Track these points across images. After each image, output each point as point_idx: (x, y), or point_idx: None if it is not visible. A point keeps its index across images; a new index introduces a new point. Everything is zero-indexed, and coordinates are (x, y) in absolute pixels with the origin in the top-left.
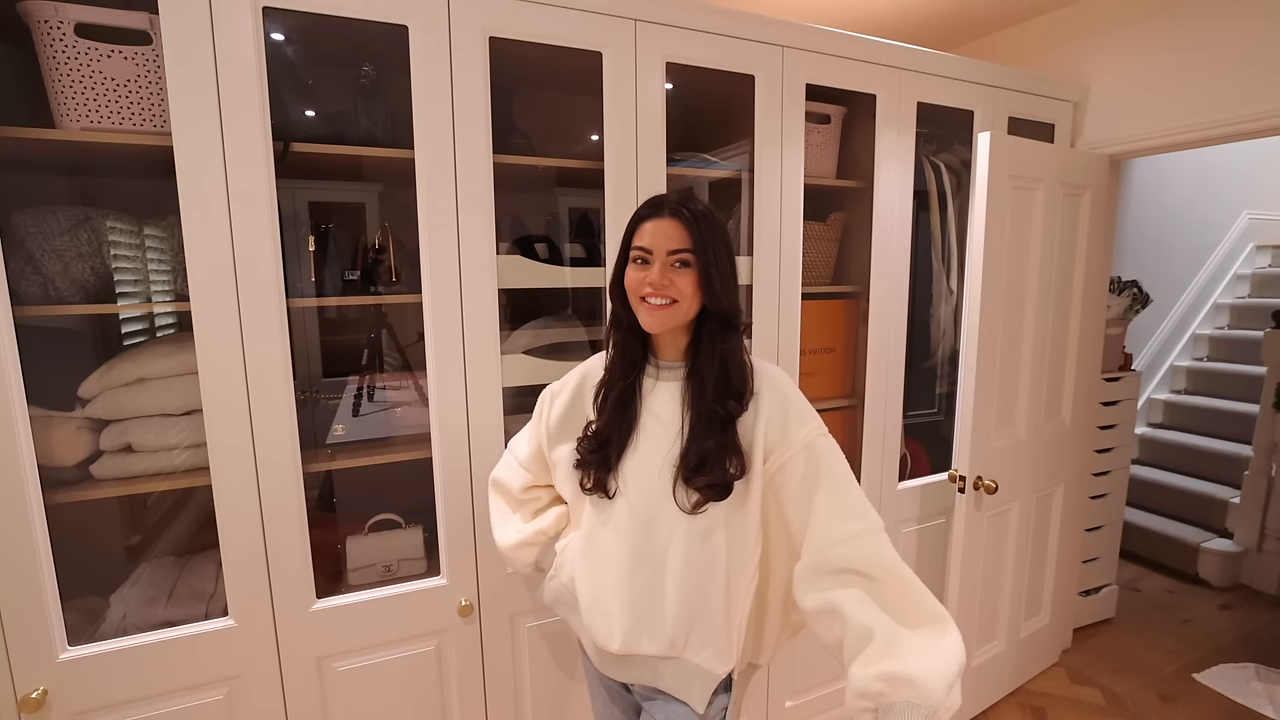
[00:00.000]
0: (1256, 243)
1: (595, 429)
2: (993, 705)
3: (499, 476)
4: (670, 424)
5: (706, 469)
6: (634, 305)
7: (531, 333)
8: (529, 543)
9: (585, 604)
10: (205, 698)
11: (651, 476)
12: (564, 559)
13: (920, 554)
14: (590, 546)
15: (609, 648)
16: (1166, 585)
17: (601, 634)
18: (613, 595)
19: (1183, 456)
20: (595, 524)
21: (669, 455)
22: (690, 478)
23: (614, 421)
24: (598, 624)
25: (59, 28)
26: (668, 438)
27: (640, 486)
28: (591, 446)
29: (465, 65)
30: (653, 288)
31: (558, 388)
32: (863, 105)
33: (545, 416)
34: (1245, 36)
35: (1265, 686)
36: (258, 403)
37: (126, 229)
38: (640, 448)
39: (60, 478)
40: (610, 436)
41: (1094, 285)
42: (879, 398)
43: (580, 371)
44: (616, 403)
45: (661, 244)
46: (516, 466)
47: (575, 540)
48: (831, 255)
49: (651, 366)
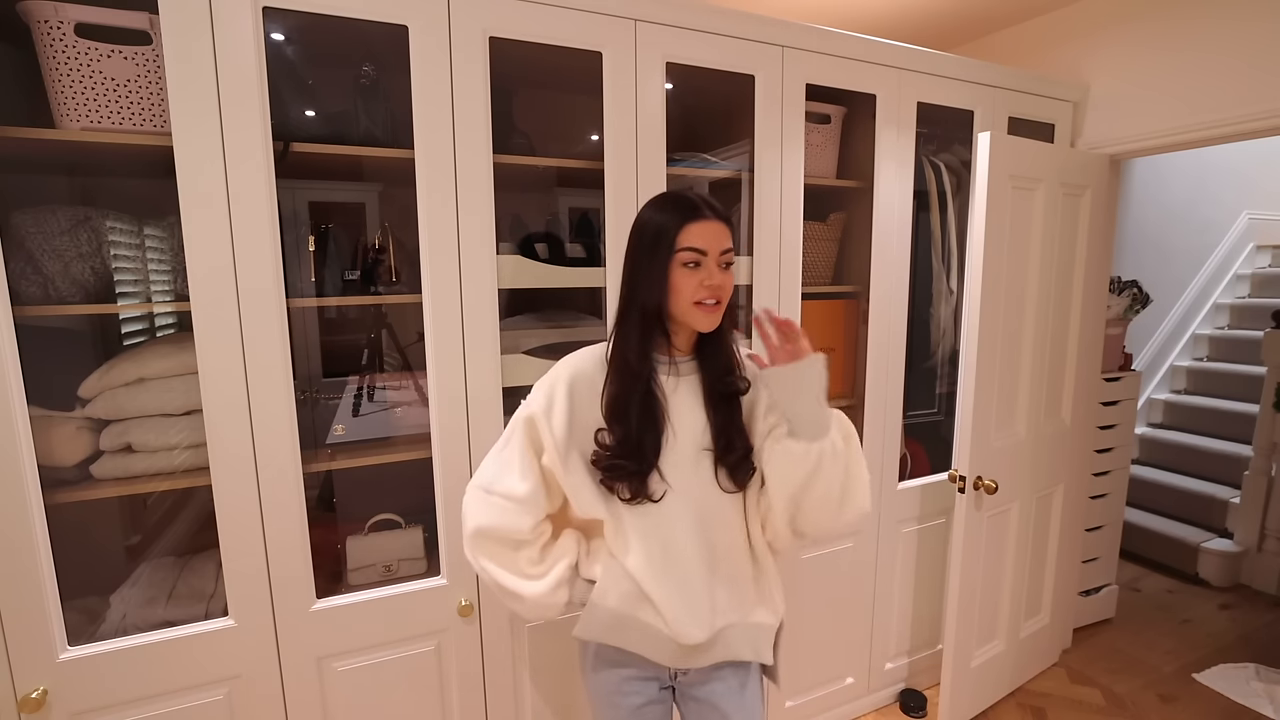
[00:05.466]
0: (1256, 243)
1: (621, 437)
2: (993, 705)
3: (489, 526)
4: (693, 416)
5: (736, 448)
6: (683, 309)
7: (533, 332)
8: (564, 581)
9: (668, 608)
10: (205, 698)
11: (689, 470)
12: (612, 578)
13: (920, 554)
14: (657, 551)
15: (695, 640)
16: (1166, 585)
17: (687, 630)
18: (698, 588)
19: (1183, 456)
20: (650, 527)
21: (697, 445)
22: (725, 457)
23: (644, 424)
24: (683, 623)
25: (59, 28)
26: (694, 429)
27: (683, 480)
28: (622, 454)
29: (465, 65)
30: (711, 290)
31: (543, 404)
32: (863, 105)
33: (550, 437)
34: (1245, 36)
35: (1265, 686)
36: (258, 403)
37: (126, 229)
38: (673, 445)
39: (60, 478)
40: (643, 440)
41: (1094, 285)
42: (879, 398)
43: (564, 378)
44: (643, 406)
45: (714, 245)
46: (513, 508)
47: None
48: (831, 255)
49: (667, 364)
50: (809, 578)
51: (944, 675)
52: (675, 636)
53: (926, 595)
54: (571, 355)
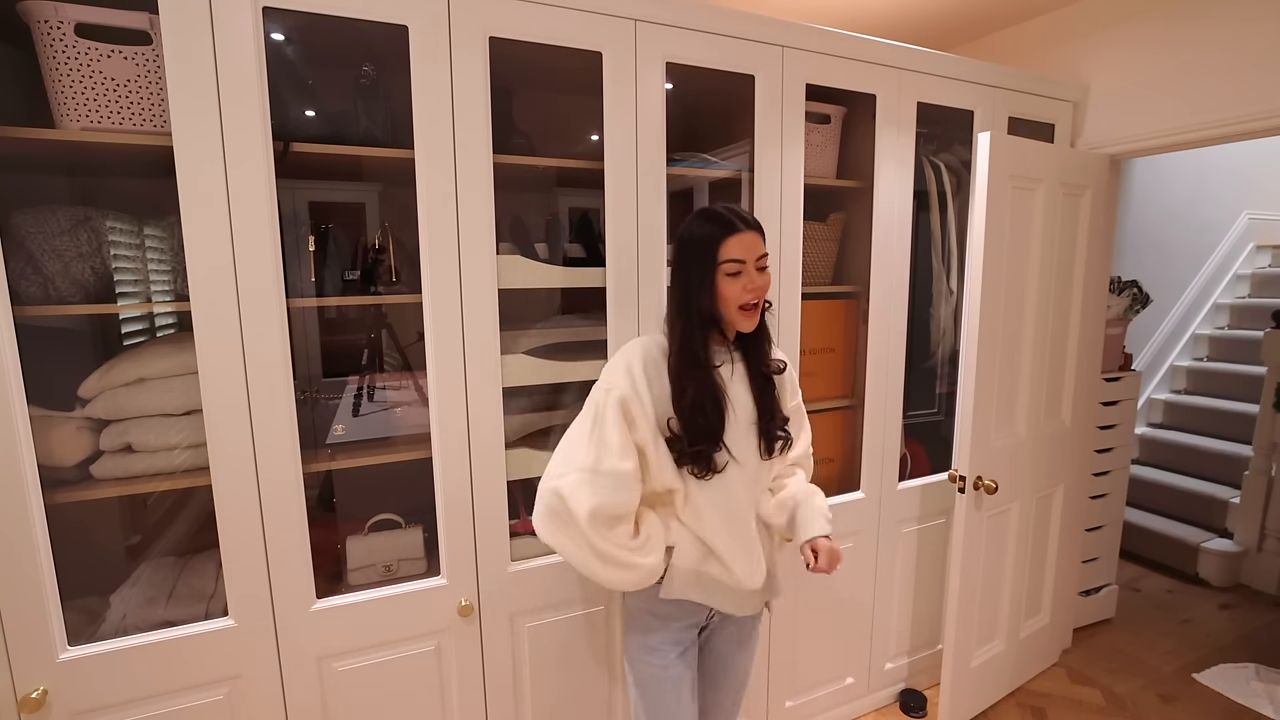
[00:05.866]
0: (1256, 243)
1: (700, 425)
2: (993, 705)
3: (604, 503)
4: (744, 397)
5: (777, 420)
6: (730, 313)
7: (534, 332)
8: (664, 549)
9: (734, 562)
10: (205, 698)
11: (744, 443)
12: (686, 542)
13: (920, 554)
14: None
15: (757, 584)
16: (1166, 585)
17: (749, 577)
18: (751, 541)
19: (1183, 456)
20: (716, 494)
21: (749, 421)
22: (768, 429)
23: (715, 412)
24: (745, 571)
25: (59, 28)
26: (746, 408)
27: (740, 452)
28: (699, 439)
29: (465, 65)
30: (753, 293)
31: (630, 386)
32: (863, 105)
33: (644, 415)
34: (1245, 36)
35: (1265, 686)
36: (258, 403)
37: (126, 229)
38: (733, 423)
39: (60, 478)
40: (715, 426)
41: (1094, 285)
42: (879, 398)
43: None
44: (712, 395)
45: (751, 253)
46: (624, 484)
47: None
48: (831, 255)
49: (724, 353)
50: (809, 577)
51: (944, 675)
52: (741, 584)
53: (926, 595)
54: (634, 343)
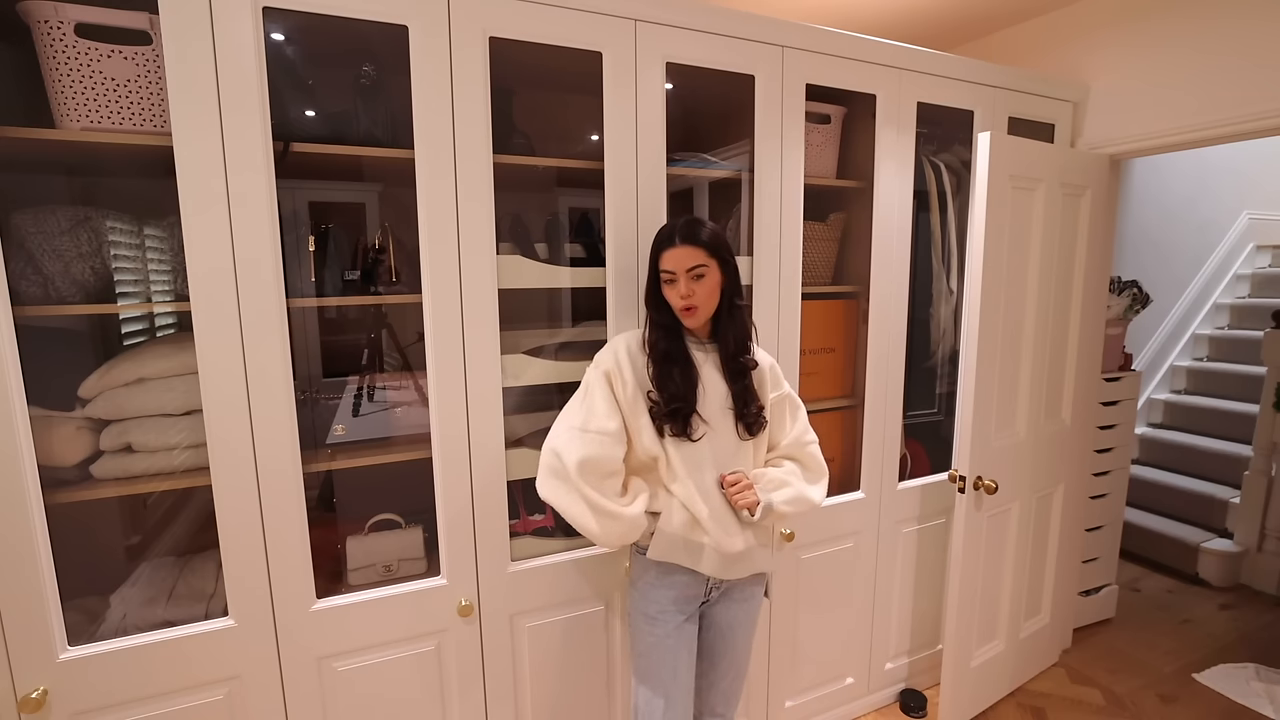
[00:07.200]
0: (1256, 243)
1: (673, 390)
2: (993, 705)
3: (591, 456)
4: (716, 383)
5: (750, 408)
6: (677, 311)
7: (533, 332)
8: (646, 506)
9: (712, 526)
10: (205, 698)
11: (719, 420)
12: (672, 507)
13: (920, 554)
14: (699, 480)
15: (736, 548)
16: (1166, 585)
17: (728, 542)
18: (725, 509)
19: (1183, 456)
20: (693, 464)
21: (722, 405)
22: (743, 413)
23: (684, 381)
24: (724, 537)
25: (59, 28)
26: (719, 392)
27: (718, 427)
28: (675, 399)
29: (465, 65)
30: (684, 299)
31: (613, 362)
32: (863, 105)
33: (623, 385)
34: (1246, 36)
35: (1265, 686)
36: (258, 403)
37: (126, 229)
38: (704, 399)
39: (60, 478)
40: (685, 392)
41: (1094, 285)
42: (879, 398)
43: (622, 347)
44: (682, 370)
45: (681, 266)
46: (609, 440)
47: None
48: (831, 255)
49: (695, 341)
50: (809, 577)
51: (944, 675)
52: (719, 547)
53: (926, 595)
54: (620, 336)
